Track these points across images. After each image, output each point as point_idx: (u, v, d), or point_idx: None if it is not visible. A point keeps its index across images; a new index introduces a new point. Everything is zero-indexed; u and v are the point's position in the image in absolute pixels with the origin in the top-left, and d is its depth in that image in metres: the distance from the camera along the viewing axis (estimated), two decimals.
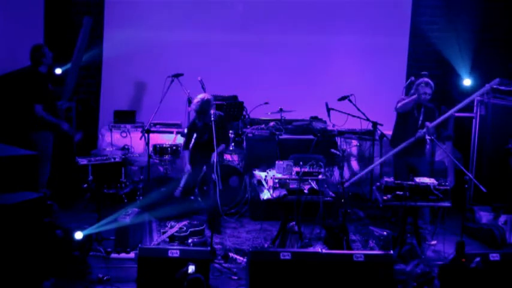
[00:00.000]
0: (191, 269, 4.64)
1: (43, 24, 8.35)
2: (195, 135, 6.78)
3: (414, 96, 6.43)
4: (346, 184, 6.51)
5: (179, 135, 7.96)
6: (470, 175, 6.51)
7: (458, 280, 4.95)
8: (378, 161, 6.66)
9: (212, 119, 6.35)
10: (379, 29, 9.11)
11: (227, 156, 7.81)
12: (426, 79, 6.54)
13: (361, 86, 8.43)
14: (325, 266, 4.88)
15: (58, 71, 7.73)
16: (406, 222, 6.01)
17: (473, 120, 7.58)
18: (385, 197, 5.78)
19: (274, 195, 5.74)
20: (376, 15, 9.14)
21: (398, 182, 5.83)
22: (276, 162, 5.94)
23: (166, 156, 7.65)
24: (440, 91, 6.64)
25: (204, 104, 6.63)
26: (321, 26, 9.10)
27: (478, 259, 4.95)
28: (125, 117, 8.42)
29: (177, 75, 7.66)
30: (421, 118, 6.49)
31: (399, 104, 6.52)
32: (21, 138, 6.46)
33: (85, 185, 7.25)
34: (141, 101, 8.94)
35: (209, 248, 5.33)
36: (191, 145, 6.80)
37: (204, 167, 6.85)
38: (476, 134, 7.57)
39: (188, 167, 6.79)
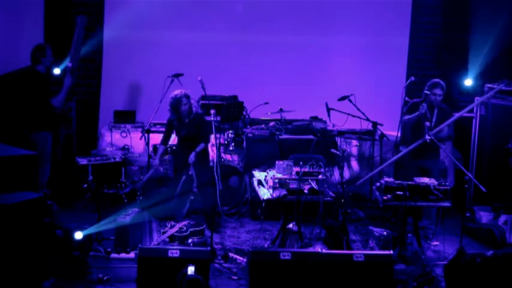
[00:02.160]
0: (190, 270, 4.63)
1: (43, 24, 8.35)
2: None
3: (415, 114, 6.46)
4: (358, 183, 6.54)
5: None
6: (470, 175, 6.51)
7: (468, 277, 4.89)
8: (389, 160, 6.62)
9: (212, 118, 6.35)
10: (379, 29, 9.10)
11: (227, 156, 7.80)
12: (437, 79, 6.55)
13: (361, 86, 8.42)
14: (325, 266, 4.88)
15: (57, 71, 7.72)
16: (406, 223, 6.01)
17: (473, 120, 7.57)
18: (385, 197, 5.78)
19: (274, 195, 5.74)
20: (376, 15, 9.12)
21: (399, 182, 5.82)
22: (276, 162, 5.94)
23: (166, 156, 7.64)
24: None
25: (174, 101, 6.68)
26: (321, 26, 9.09)
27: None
28: (125, 117, 8.41)
29: (177, 75, 7.65)
30: (434, 120, 6.48)
31: (405, 119, 6.57)
32: (21, 138, 6.46)
33: (85, 185, 7.24)
34: (141, 101, 8.93)
35: (209, 248, 5.33)
36: (171, 140, 6.98)
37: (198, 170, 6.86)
38: (476, 134, 7.55)
39: (157, 161, 6.88)
